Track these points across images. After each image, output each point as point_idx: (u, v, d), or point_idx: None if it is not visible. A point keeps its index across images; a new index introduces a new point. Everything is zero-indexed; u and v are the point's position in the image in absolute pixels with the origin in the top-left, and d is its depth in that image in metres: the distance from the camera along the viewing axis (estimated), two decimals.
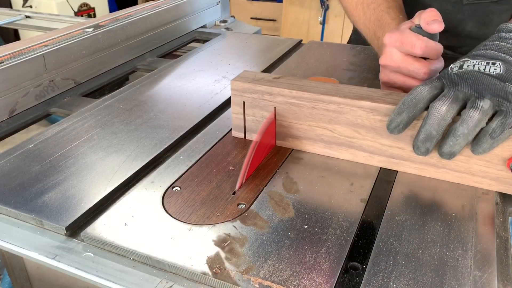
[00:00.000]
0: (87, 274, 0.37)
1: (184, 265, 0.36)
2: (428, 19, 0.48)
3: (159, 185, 0.46)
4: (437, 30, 0.48)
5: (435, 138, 0.42)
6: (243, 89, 0.51)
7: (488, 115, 0.40)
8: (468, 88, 0.41)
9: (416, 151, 0.44)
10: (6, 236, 0.41)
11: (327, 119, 0.48)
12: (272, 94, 0.50)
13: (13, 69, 0.64)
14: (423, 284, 0.34)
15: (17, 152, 0.52)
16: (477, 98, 0.40)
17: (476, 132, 0.40)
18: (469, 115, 0.40)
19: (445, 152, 0.42)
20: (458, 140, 0.40)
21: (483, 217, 0.41)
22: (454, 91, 0.41)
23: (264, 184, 0.46)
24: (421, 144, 0.42)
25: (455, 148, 0.41)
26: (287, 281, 0.34)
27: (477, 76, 0.40)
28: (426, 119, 0.41)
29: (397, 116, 0.43)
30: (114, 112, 0.62)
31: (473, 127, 0.40)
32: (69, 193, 0.45)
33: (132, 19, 0.85)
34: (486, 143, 0.40)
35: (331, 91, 0.48)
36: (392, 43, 0.51)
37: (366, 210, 0.43)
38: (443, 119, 0.41)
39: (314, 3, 2.30)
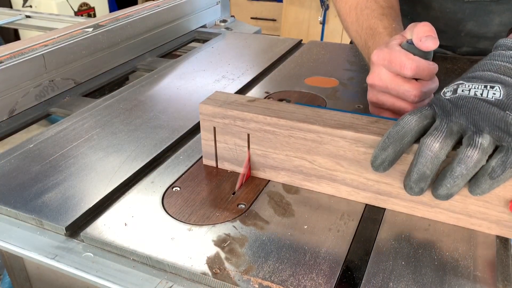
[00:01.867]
0: (87, 274, 0.37)
1: (184, 265, 0.36)
2: (421, 34, 0.43)
3: (159, 185, 0.46)
4: (431, 48, 0.44)
5: (430, 178, 0.36)
6: (213, 113, 0.46)
7: (488, 153, 0.34)
8: (463, 119, 0.35)
9: (409, 192, 0.38)
10: (6, 236, 0.41)
11: (306, 149, 0.43)
12: (245, 120, 0.44)
13: (13, 69, 0.64)
14: (423, 284, 0.34)
15: (17, 152, 0.52)
16: (474, 133, 0.34)
17: (475, 172, 0.35)
18: (467, 155, 0.34)
19: (442, 194, 0.36)
20: (456, 181, 0.35)
21: None
22: (447, 122, 0.36)
23: (264, 184, 0.46)
24: (414, 184, 0.37)
25: (453, 190, 0.36)
26: (287, 282, 0.34)
27: (473, 103, 0.35)
28: (417, 158, 0.36)
29: (382, 152, 0.37)
30: (114, 112, 0.62)
31: (472, 167, 0.34)
32: (69, 193, 0.45)
33: (132, 19, 0.85)
34: (485, 183, 0.35)
35: (310, 118, 0.43)
36: (380, 62, 0.46)
37: (366, 209, 0.43)
38: (436, 157, 0.35)
39: (314, 3, 2.30)
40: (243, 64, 0.79)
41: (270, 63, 0.79)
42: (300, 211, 0.42)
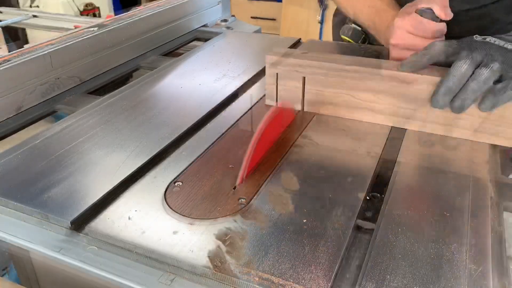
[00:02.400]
0: (91, 267, 0.38)
1: (185, 259, 0.37)
2: (442, 4, 0.55)
3: (162, 181, 0.47)
4: (449, 17, 0.55)
5: (454, 93, 0.48)
6: (276, 61, 0.58)
7: (495, 76, 0.46)
8: (484, 53, 0.47)
9: (434, 104, 0.51)
10: (12, 230, 0.42)
11: (350, 86, 0.56)
12: (302, 66, 0.57)
13: (20, 68, 0.65)
14: (419, 277, 0.35)
15: (24, 148, 0.53)
16: (489, 61, 0.47)
17: (484, 89, 0.47)
18: (480, 73, 0.46)
19: (456, 106, 0.49)
20: (468, 95, 0.47)
21: (477, 211, 0.42)
22: (472, 53, 0.48)
23: (264, 179, 0.47)
24: (440, 98, 0.49)
25: (466, 102, 0.48)
26: (286, 274, 0.35)
27: (495, 47, 0.48)
28: (447, 76, 0.48)
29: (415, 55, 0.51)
30: (117, 109, 0.63)
31: (482, 83, 0.46)
32: (74, 188, 0.46)
33: (135, 18, 0.86)
34: (489, 100, 0.47)
35: (354, 62, 0.56)
36: (403, 26, 0.57)
37: (363, 206, 0.43)
38: (463, 75, 0.47)
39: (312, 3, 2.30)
40: (244, 63, 0.80)
41: None
42: (299, 205, 0.43)
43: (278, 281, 0.35)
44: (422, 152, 0.52)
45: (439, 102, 0.50)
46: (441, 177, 0.47)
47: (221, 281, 0.36)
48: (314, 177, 0.48)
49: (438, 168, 0.49)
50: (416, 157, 0.51)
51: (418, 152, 0.52)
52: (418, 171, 0.49)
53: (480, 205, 0.43)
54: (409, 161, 0.51)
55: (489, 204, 0.43)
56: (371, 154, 0.52)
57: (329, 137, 0.56)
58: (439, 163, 0.50)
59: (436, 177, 0.47)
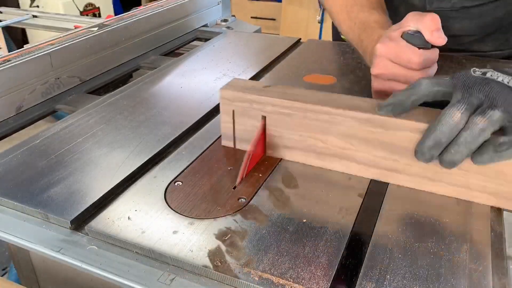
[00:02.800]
0: (91, 267, 0.38)
1: (185, 258, 0.37)
2: (432, 28, 0.46)
3: (162, 180, 0.47)
4: (442, 42, 0.46)
5: (443, 146, 0.39)
6: (232, 97, 0.50)
7: (494, 128, 0.37)
8: (482, 95, 0.38)
9: (419, 157, 0.41)
10: (12, 229, 0.42)
11: (319, 129, 0.47)
12: (262, 103, 0.48)
13: (21, 67, 0.65)
14: (419, 277, 0.35)
15: (24, 148, 0.53)
16: (488, 107, 0.37)
17: (479, 143, 0.38)
18: (475, 122, 0.37)
19: (446, 160, 0.39)
20: (460, 148, 0.38)
21: (478, 211, 0.42)
22: (468, 96, 0.38)
23: (264, 178, 0.47)
24: (427, 150, 0.40)
25: (456, 157, 0.39)
26: (286, 274, 0.35)
27: (497, 86, 0.38)
28: (437, 125, 0.39)
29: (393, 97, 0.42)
30: (118, 108, 0.63)
31: (477, 135, 0.37)
32: (74, 187, 0.46)
33: (135, 18, 0.86)
34: (488, 154, 0.38)
35: (323, 100, 0.46)
36: (385, 54, 0.49)
37: (363, 205, 0.43)
38: (456, 126, 0.38)
39: (312, 3, 2.31)
40: (244, 62, 0.80)
41: (269, 61, 0.80)
42: (299, 205, 0.43)
43: (278, 280, 0.35)
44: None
45: (425, 155, 0.40)
46: None
47: (221, 281, 0.36)
48: (314, 176, 0.47)
49: None
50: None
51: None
52: None
53: (480, 204, 0.43)
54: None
55: None
56: None
57: None
58: None
59: None
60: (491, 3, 0.66)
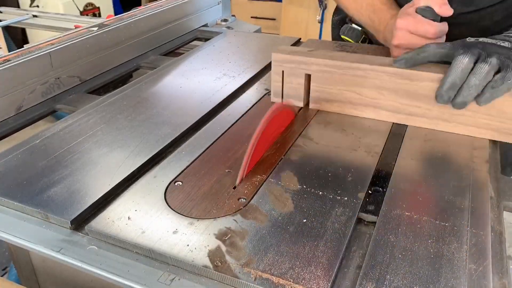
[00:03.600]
0: (91, 267, 0.38)
1: (185, 258, 0.37)
2: (440, 1, 0.56)
3: (162, 180, 0.47)
4: (449, 14, 0.56)
5: (458, 87, 0.49)
6: (282, 59, 0.59)
7: (495, 69, 0.47)
8: (479, 49, 0.49)
9: (439, 100, 0.51)
10: (12, 229, 0.42)
11: (355, 83, 0.56)
12: (307, 63, 0.58)
13: (21, 67, 0.65)
14: (419, 277, 0.35)
15: (24, 148, 0.53)
16: (486, 56, 0.48)
17: (485, 84, 0.48)
18: (480, 67, 0.47)
19: (459, 102, 0.49)
20: (471, 90, 0.48)
21: (478, 211, 0.42)
22: (468, 50, 0.49)
23: (264, 178, 0.47)
24: (445, 93, 0.50)
25: (468, 98, 0.49)
26: (286, 274, 0.35)
27: (488, 44, 0.50)
28: (450, 71, 0.49)
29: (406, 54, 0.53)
30: (118, 108, 0.63)
31: (483, 78, 0.47)
32: (74, 187, 0.46)
33: (135, 18, 0.86)
34: (488, 92, 0.48)
35: (359, 59, 0.57)
36: (405, 27, 0.58)
37: (363, 204, 0.43)
38: (466, 68, 0.48)
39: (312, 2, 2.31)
40: (244, 62, 0.80)
41: (269, 61, 0.80)
42: (299, 205, 0.43)
43: (278, 280, 0.35)
44: (423, 151, 0.52)
45: (443, 97, 0.50)
46: (441, 177, 0.47)
47: (221, 281, 0.36)
48: (314, 176, 0.48)
49: (438, 168, 0.49)
50: (416, 156, 0.51)
51: (419, 151, 0.52)
52: (418, 171, 0.49)
53: (480, 205, 0.43)
54: (410, 161, 0.50)
55: (489, 204, 0.43)
56: (371, 154, 0.52)
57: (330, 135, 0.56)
58: (439, 163, 0.50)
59: (436, 177, 0.47)
60: (488, 8, 0.67)
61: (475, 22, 0.70)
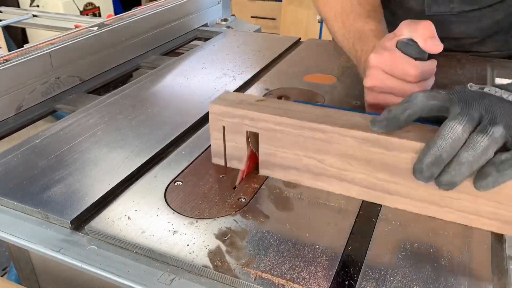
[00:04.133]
0: (91, 267, 0.38)
1: (185, 258, 0.37)
2: (427, 35, 0.43)
3: (162, 180, 0.47)
4: (438, 50, 0.43)
5: (444, 163, 0.35)
6: (222, 112, 0.46)
7: (498, 145, 0.34)
8: (483, 110, 0.35)
9: (418, 176, 0.37)
10: (12, 229, 0.42)
11: (315, 148, 0.43)
12: (254, 119, 0.44)
13: (21, 67, 0.65)
14: (419, 277, 0.35)
15: (24, 148, 0.53)
16: (489, 124, 0.34)
17: (482, 162, 0.34)
18: (476, 140, 0.34)
19: (444, 181, 0.36)
20: (461, 168, 0.35)
21: None
22: (468, 110, 0.35)
23: (264, 178, 0.47)
24: (426, 168, 0.36)
25: (456, 178, 0.35)
26: (286, 274, 0.35)
27: (496, 99, 0.36)
28: (436, 140, 0.35)
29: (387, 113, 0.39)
30: (118, 108, 0.63)
31: (479, 154, 0.34)
32: (74, 187, 0.46)
33: (135, 18, 0.86)
34: (492, 176, 0.34)
35: (319, 117, 0.43)
36: (379, 65, 0.46)
37: (363, 203, 0.43)
38: (457, 140, 0.35)
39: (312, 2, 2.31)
40: (244, 62, 0.80)
41: (269, 61, 0.80)
42: (299, 204, 0.43)
43: (278, 281, 0.35)
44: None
45: (423, 174, 0.36)
46: None
47: (221, 281, 0.36)
48: None
49: None
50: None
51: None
52: None
53: None
54: None
55: None
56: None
57: None
58: None
59: None
60: (489, 7, 0.66)
61: (476, 21, 0.69)
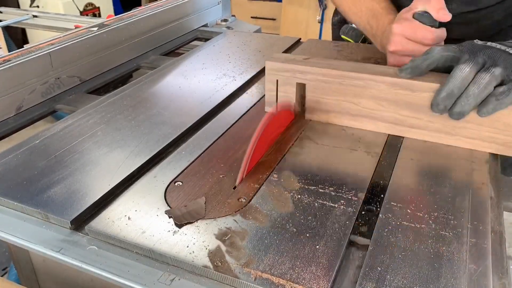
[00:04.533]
0: (91, 267, 0.38)
1: (186, 258, 0.37)
2: (438, 7, 0.54)
3: (162, 180, 0.47)
4: (447, 19, 0.54)
5: (455, 97, 0.46)
6: (277, 68, 0.57)
7: (497, 81, 0.45)
8: (486, 56, 0.46)
9: (434, 109, 0.48)
10: (12, 229, 0.42)
11: (353, 93, 0.54)
12: (303, 72, 0.55)
13: (21, 67, 0.65)
14: (419, 277, 0.35)
15: (24, 148, 0.53)
16: (491, 65, 0.45)
17: (485, 94, 0.45)
18: (481, 77, 0.45)
19: (456, 111, 0.47)
20: (469, 100, 0.46)
21: (478, 211, 0.42)
22: (474, 56, 0.46)
23: (264, 178, 0.47)
24: (441, 101, 0.47)
25: (465, 108, 0.46)
26: (286, 274, 0.35)
27: (497, 50, 0.46)
28: (449, 79, 0.46)
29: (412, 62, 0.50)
30: (118, 108, 0.63)
31: (483, 88, 0.45)
32: (74, 187, 0.46)
33: (135, 18, 0.86)
34: (491, 104, 0.45)
35: (357, 68, 0.54)
36: (402, 32, 0.56)
37: (363, 203, 0.43)
38: (466, 78, 0.45)
39: (312, 2, 2.31)
40: (244, 62, 0.80)
41: None
42: (299, 205, 0.43)
43: (278, 281, 0.35)
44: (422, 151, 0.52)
45: (439, 106, 0.48)
46: (441, 177, 0.47)
47: (221, 281, 0.36)
48: (313, 176, 0.48)
49: (438, 168, 0.49)
50: (416, 157, 0.51)
51: (419, 151, 0.52)
52: (418, 171, 0.49)
53: (480, 205, 0.43)
54: (409, 161, 0.50)
55: (489, 204, 0.43)
56: (371, 154, 0.52)
57: (329, 135, 0.56)
58: (439, 162, 0.50)
59: (436, 177, 0.47)
60: (489, 8, 0.67)
61: (476, 22, 0.69)
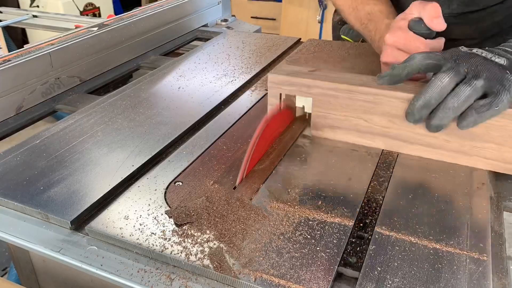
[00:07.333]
0: (91, 267, 0.38)
1: (186, 258, 0.37)
2: (433, 15, 0.51)
3: (162, 180, 0.47)
4: (441, 29, 0.50)
5: (432, 107, 0.44)
6: (280, 81, 0.53)
7: (478, 94, 0.43)
8: (468, 66, 0.44)
9: (409, 118, 0.46)
10: (12, 229, 0.42)
11: (363, 109, 0.50)
12: (309, 86, 0.52)
13: (21, 67, 0.65)
14: (419, 277, 0.35)
15: (24, 148, 0.53)
16: (473, 77, 0.43)
17: (465, 107, 0.43)
18: (461, 89, 0.43)
19: (434, 124, 0.45)
20: (447, 113, 0.44)
21: (478, 211, 0.42)
22: (456, 66, 0.44)
23: (264, 179, 0.47)
24: (417, 111, 0.45)
25: (444, 121, 0.44)
26: (287, 275, 0.35)
27: (481, 59, 0.44)
28: (427, 88, 0.44)
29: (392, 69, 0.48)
30: (118, 109, 0.63)
31: (462, 101, 0.43)
32: (74, 188, 0.46)
33: (135, 18, 0.86)
34: (472, 116, 0.43)
35: (367, 82, 0.50)
36: (394, 44, 0.53)
37: (363, 205, 0.43)
38: (444, 88, 0.43)
39: (312, 2, 2.32)
40: (244, 62, 0.80)
41: (270, 61, 0.80)
42: (299, 205, 0.43)
43: (278, 281, 0.35)
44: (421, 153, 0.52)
45: (414, 116, 0.46)
46: (441, 176, 0.47)
47: (221, 281, 0.36)
48: (313, 176, 0.48)
49: (438, 168, 0.49)
50: (415, 157, 0.51)
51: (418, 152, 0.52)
52: (418, 170, 0.49)
53: (480, 205, 0.43)
54: (408, 160, 0.50)
55: (489, 204, 0.43)
56: (371, 155, 0.52)
57: None
58: (438, 162, 0.50)
59: (436, 176, 0.47)
60: (489, 8, 0.67)
61: (476, 22, 0.69)
